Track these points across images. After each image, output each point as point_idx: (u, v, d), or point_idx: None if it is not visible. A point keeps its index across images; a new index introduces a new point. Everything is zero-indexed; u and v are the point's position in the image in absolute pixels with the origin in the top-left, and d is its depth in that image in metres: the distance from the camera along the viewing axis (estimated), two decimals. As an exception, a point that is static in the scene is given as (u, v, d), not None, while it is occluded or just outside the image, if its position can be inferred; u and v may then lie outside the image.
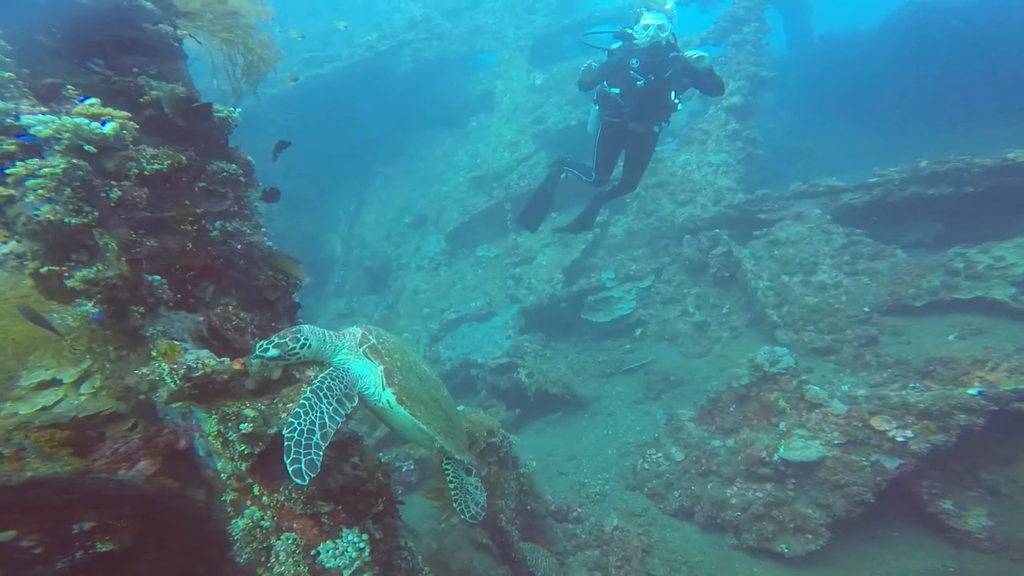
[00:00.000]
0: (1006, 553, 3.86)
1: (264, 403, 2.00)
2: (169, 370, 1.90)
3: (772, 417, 4.59)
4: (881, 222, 7.11)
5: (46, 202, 1.84)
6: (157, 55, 2.62)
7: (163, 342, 2.01)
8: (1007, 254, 6.02)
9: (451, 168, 11.38)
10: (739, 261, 6.99)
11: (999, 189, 6.53)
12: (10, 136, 1.92)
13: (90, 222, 1.91)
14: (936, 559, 4.03)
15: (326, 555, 1.98)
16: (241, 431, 1.90)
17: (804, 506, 4.15)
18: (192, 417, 2.18)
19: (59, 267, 1.91)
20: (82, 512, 2.11)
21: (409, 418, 2.36)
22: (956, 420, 3.83)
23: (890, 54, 11.84)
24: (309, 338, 2.17)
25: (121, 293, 1.98)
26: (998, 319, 5.69)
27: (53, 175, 1.84)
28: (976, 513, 4.05)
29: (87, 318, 1.91)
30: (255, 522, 2.00)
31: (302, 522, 2.02)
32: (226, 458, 2.01)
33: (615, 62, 4.68)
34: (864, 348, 5.80)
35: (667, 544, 4.60)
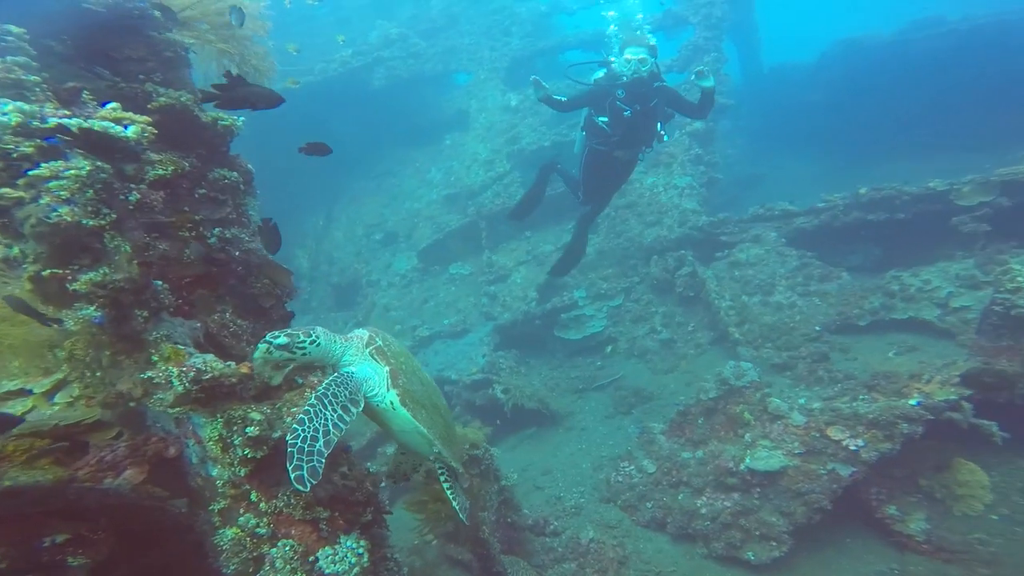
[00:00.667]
0: (940, 555, 4.19)
1: (269, 407, 2.03)
2: (178, 373, 1.91)
3: (738, 429, 4.88)
4: (829, 245, 7.71)
5: (65, 204, 1.84)
6: (164, 63, 2.69)
7: (167, 346, 2.02)
8: (933, 278, 6.67)
9: (424, 185, 11.49)
10: (703, 281, 7.39)
11: (924, 216, 7.21)
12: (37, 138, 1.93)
13: (106, 224, 1.93)
14: (883, 562, 4.33)
15: (325, 561, 1.98)
16: (247, 434, 1.92)
17: (768, 514, 4.40)
18: (188, 423, 2.15)
19: (62, 270, 1.90)
20: (55, 524, 2.04)
21: (411, 420, 2.36)
22: (900, 429, 4.20)
23: (826, 88, 12.85)
24: (320, 337, 2.20)
25: (126, 297, 1.97)
26: (928, 337, 6.28)
27: (78, 177, 1.86)
28: (916, 517, 4.40)
29: (89, 322, 1.89)
30: (249, 530, 1.99)
31: (300, 528, 2.03)
32: (225, 464, 2.00)
33: (600, 91, 4.96)
34: (817, 364, 6.24)
35: (641, 555, 4.76)
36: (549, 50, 11.26)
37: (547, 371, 7.66)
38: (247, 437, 1.93)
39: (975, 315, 6.12)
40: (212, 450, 1.99)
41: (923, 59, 11.40)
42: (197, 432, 2.08)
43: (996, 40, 10.95)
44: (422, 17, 12.29)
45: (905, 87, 11.46)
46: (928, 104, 11.11)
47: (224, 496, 2.04)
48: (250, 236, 2.73)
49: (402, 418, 2.35)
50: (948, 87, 10.95)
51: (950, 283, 6.53)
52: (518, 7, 11.69)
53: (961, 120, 10.56)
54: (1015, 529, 4.22)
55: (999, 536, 4.21)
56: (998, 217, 6.76)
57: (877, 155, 10.93)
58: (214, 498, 2.07)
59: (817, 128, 12.22)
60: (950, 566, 4.07)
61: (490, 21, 11.67)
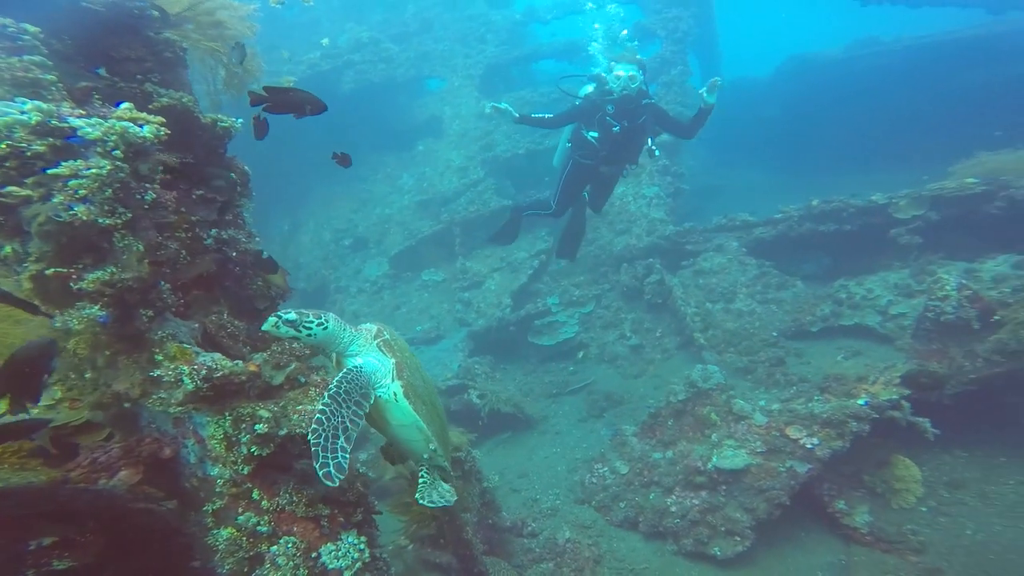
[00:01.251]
0: (880, 545, 4.53)
1: (275, 405, 2.06)
2: (190, 371, 1.93)
3: (705, 429, 5.18)
4: (785, 255, 8.21)
5: (82, 202, 1.85)
6: (162, 63, 2.69)
7: (173, 345, 2.04)
8: (875, 286, 7.20)
9: (395, 191, 11.48)
10: (670, 289, 7.74)
11: (867, 228, 7.70)
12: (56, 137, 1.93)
13: (121, 224, 1.94)
14: (832, 554, 4.64)
15: (328, 557, 2.03)
16: (256, 431, 1.95)
17: (733, 510, 4.68)
18: (188, 423, 2.15)
19: (67, 269, 1.90)
20: (43, 527, 2.02)
21: (412, 414, 2.35)
22: (850, 427, 4.57)
23: (780, 102, 13.58)
24: (329, 322, 2.21)
25: (132, 296, 1.98)
26: (871, 342, 6.78)
27: (98, 176, 1.87)
28: (861, 511, 4.71)
29: (94, 321, 1.89)
30: (249, 528, 2.01)
31: (303, 525, 2.08)
32: (228, 462, 2.03)
33: (589, 107, 5.09)
34: (774, 368, 6.65)
35: (615, 553, 4.96)
36: (524, 58, 11.46)
37: (521, 376, 7.85)
38: (256, 434, 1.96)
39: (910, 321, 6.68)
40: (215, 448, 2.01)
41: (865, 77, 12.21)
42: (198, 431, 2.09)
43: (926, 61, 11.87)
44: (394, 21, 12.26)
45: (849, 103, 12.23)
46: (870, 119, 11.82)
47: (222, 496, 2.05)
48: (247, 237, 2.74)
49: (403, 411, 2.35)
50: (886, 104, 11.76)
51: (889, 292, 7.08)
52: (493, 15, 11.85)
53: (900, 135, 11.29)
54: (939, 519, 4.65)
55: (927, 526, 4.62)
56: (928, 230, 7.31)
57: (828, 167, 11.63)
58: (209, 498, 2.08)
59: (772, 140, 12.89)
60: (888, 556, 4.42)
61: (465, 27, 11.78)
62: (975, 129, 9.72)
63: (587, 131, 5.14)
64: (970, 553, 4.27)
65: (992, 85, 10.99)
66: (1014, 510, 4.54)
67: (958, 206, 7.26)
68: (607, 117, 4.98)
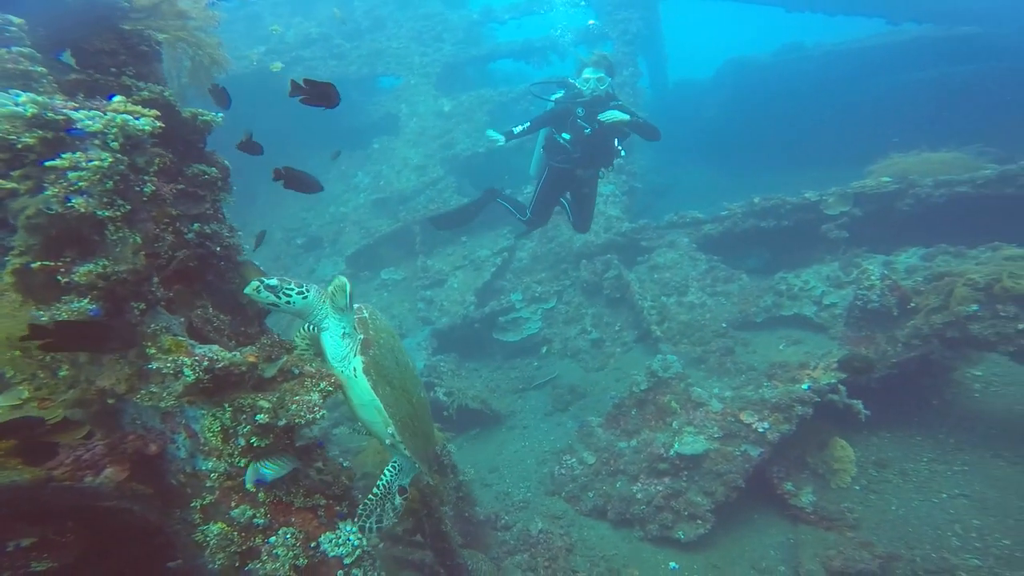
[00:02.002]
0: (822, 523, 4.83)
1: (274, 396, 2.06)
2: (191, 362, 1.92)
3: (666, 417, 5.49)
4: (731, 250, 8.74)
5: (80, 195, 1.83)
6: (137, 56, 2.61)
7: (167, 338, 2.01)
8: (810, 278, 7.79)
9: (350, 189, 11.27)
10: (628, 284, 8.08)
11: (802, 223, 8.25)
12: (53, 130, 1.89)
13: (120, 216, 1.92)
14: (782, 534, 4.90)
15: (329, 545, 2.07)
16: (257, 422, 1.96)
17: (695, 495, 4.94)
18: (180, 416, 2.11)
19: (54, 263, 1.86)
20: (21, 528, 1.96)
21: (369, 392, 2.31)
22: (796, 411, 4.96)
23: (719, 103, 14.31)
24: (311, 293, 2.27)
25: (125, 289, 1.95)
26: (808, 331, 7.33)
27: (99, 168, 1.85)
28: (806, 491, 4.96)
29: (84, 315, 1.85)
30: (244, 522, 2.01)
31: (301, 516, 2.11)
32: (224, 455, 2.02)
33: (561, 111, 5.23)
34: (724, 357, 7.10)
35: (586, 542, 5.16)
36: (481, 58, 11.50)
37: (487, 373, 7.98)
38: (256, 425, 1.98)
39: (841, 311, 7.31)
40: (211, 441, 2.01)
41: (790, 80, 13.06)
42: (190, 425, 2.08)
43: (838, 67, 12.85)
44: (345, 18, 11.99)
45: (779, 104, 12.99)
46: (797, 120, 12.50)
47: (213, 490, 2.05)
48: (229, 231, 2.71)
49: (361, 389, 2.32)
50: (809, 106, 12.48)
51: (823, 283, 7.67)
52: (450, 14, 11.81)
53: (821, 135, 11.92)
54: (870, 497, 5.04)
55: (859, 504, 4.98)
56: (853, 225, 7.95)
57: (766, 166, 12.38)
58: (198, 494, 2.07)
59: (714, 140, 13.58)
60: (829, 533, 4.75)
61: (420, 26, 11.67)
62: (882, 132, 10.66)
63: (559, 135, 5.28)
64: (894, 527, 4.69)
65: (892, 90, 12.09)
66: (928, 485, 5.01)
67: (876, 203, 7.97)
68: (578, 120, 5.15)
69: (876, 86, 12.22)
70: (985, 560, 4.25)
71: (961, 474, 5.06)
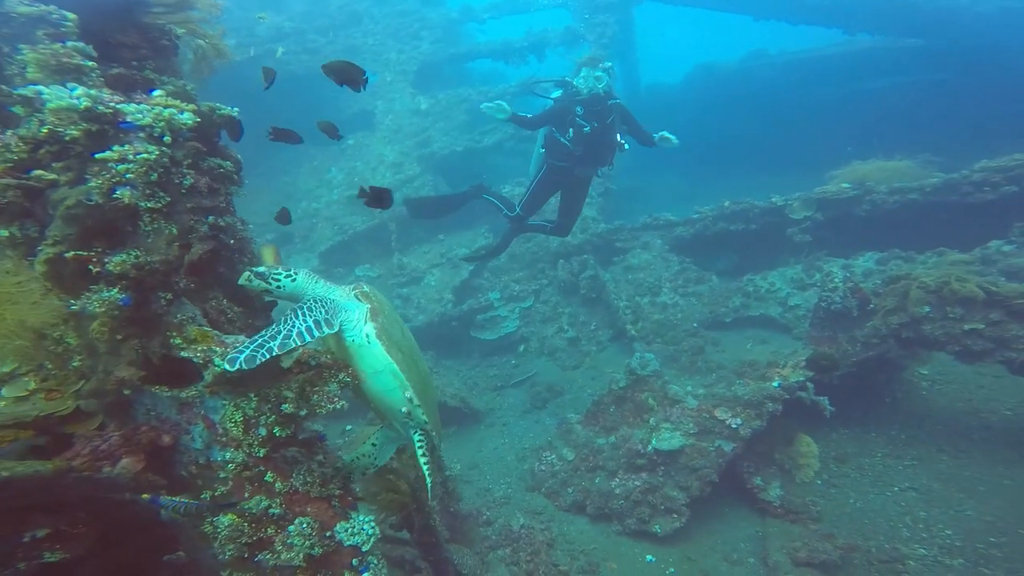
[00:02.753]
0: (789, 516, 5.06)
1: (296, 385, 2.10)
2: (222, 352, 1.96)
3: (644, 414, 5.66)
4: (702, 252, 9.04)
5: (126, 186, 1.89)
6: (157, 50, 2.63)
7: (193, 328, 2.06)
8: (776, 280, 8.18)
9: (323, 185, 11.06)
10: (603, 284, 8.26)
11: (769, 227, 8.61)
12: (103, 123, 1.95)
13: (162, 207, 1.98)
14: (752, 527, 5.07)
15: (345, 534, 2.11)
16: (283, 411, 2.01)
17: (671, 489, 5.09)
18: (199, 407, 2.13)
19: (86, 252, 1.90)
20: (38, 519, 1.96)
21: (384, 356, 2.32)
22: (766, 408, 5.21)
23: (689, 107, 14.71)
24: (299, 275, 2.31)
25: (154, 279, 2.00)
26: (774, 331, 7.70)
27: (146, 161, 1.92)
28: (773, 486, 5.16)
29: (115, 304, 1.90)
30: (259, 511, 2.04)
31: (317, 505, 2.14)
32: (243, 445, 2.05)
33: (560, 109, 5.29)
34: (696, 356, 7.36)
35: (566, 536, 5.26)
36: (460, 57, 11.48)
37: (465, 371, 8.01)
38: (281, 414, 2.02)
39: (804, 312, 7.71)
40: (232, 431, 2.03)
41: (755, 86, 13.58)
42: (209, 415, 2.09)
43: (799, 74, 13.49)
44: (318, 13, 11.75)
45: (745, 110, 13.44)
46: (762, 125, 12.95)
47: (226, 481, 2.07)
48: (242, 224, 2.71)
49: (376, 355, 2.32)
50: (773, 112, 12.95)
51: (787, 285, 8.07)
52: (428, 11, 11.73)
53: (786, 140, 12.36)
54: (831, 491, 5.30)
55: (822, 497, 5.17)
56: (816, 229, 8.36)
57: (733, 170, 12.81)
58: (209, 485, 2.09)
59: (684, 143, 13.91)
60: (794, 525, 4.98)
61: (397, 23, 11.55)
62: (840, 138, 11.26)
63: (560, 134, 5.35)
64: (852, 519, 4.97)
65: (846, 98, 12.79)
66: (882, 479, 5.32)
67: (836, 208, 8.41)
68: (577, 118, 5.22)
69: (832, 94, 12.88)
70: (931, 550, 4.57)
71: (911, 468, 5.41)
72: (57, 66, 2.08)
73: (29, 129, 1.93)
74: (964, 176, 7.84)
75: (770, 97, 13.09)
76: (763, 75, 13.68)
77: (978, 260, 7.15)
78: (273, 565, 2.06)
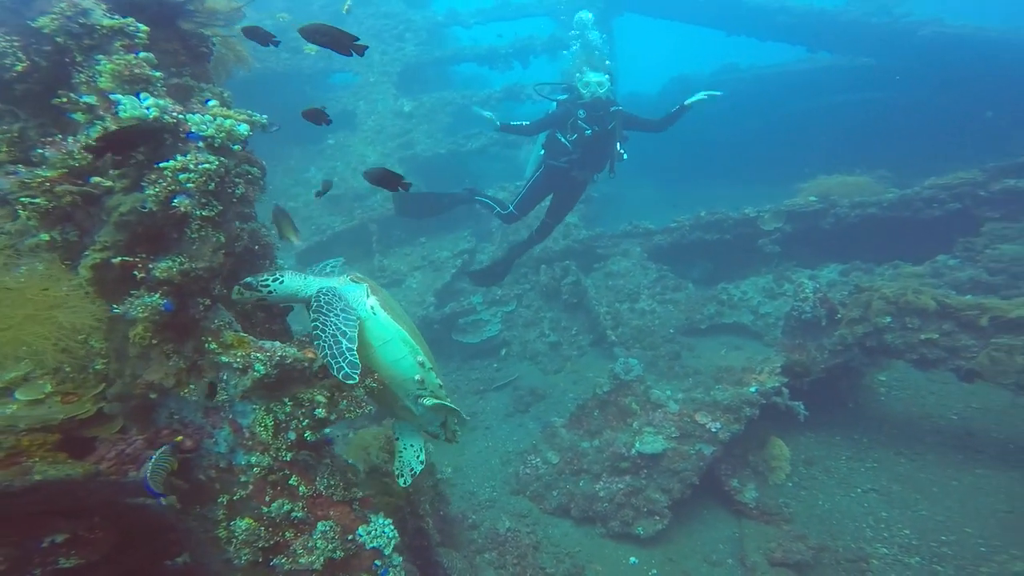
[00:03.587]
0: (763, 518, 5.26)
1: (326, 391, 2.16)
2: (264, 357, 2.01)
3: (627, 418, 5.81)
4: (678, 260, 9.32)
5: (185, 195, 1.94)
6: (195, 57, 2.68)
7: (230, 334, 2.10)
8: (748, 289, 8.52)
9: (299, 184, 10.86)
10: (585, 289, 8.42)
11: (741, 237, 8.97)
12: (170, 132, 1.99)
13: (214, 215, 2.03)
14: (729, 529, 5.24)
15: (367, 537, 2.18)
16: (316, 416, 2.07)
17: (653, 492, 5.22)
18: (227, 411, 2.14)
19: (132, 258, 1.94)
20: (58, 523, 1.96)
21: (392, 324, 2.43)
22: (744, 412, 5.42)
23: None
24: (285, 277, 2.38)
25: (195, 285, 2.03)
26: (746, 338, 8.03)
27: (207, 171, 1.97)
28: (749, 488, 5.33)
29: (157, 309, 1.93)
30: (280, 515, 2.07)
31: (339, 509, 2.20)
32: (271, 449, 2.09)
33: (563, 112, 5.36)
34: (673, 361, 7.60)
35: (551, 539, 5.34)
36: (444, 60, 11.47)
37: (447, 374, 8.00)
38: (314, 419, 2.08)
39: (775, 320, 8.05)
40: (261, 435, 2.07)
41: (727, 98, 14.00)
42: (237, 420, 2.11)
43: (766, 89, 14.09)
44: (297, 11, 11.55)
45: (718, 122, 13.92)
46: (733, 136, 13.42)
47: (246, 485, 2.09)
48: (265, 229, 2.81)
49: (383, 325, 2.42)
50: (745, 124, 13.47)
51: (759, 294, 8.43)
52: (413, 14, 11.68)
53: (756, 152, 12.88)
54: (801, 493, 5.54)
55: (793, 499, 5.38)
56: (784, 240, 8.77)
57: (705, 180, 13.27)
58: (227, 490, 2.10)
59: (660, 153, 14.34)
60: (769, 526, 5.19)
61: (381, 24, 11.47)
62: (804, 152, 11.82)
63: (561, 136, 5.40)
64: (822, 520, 5.23)
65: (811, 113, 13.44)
66: (847, 481, 5.61)
67: (804, 221, 8.84)
68: (579, 121, 5.31)
69: (797, 108, 13.51)
70: (891, 549, 4.86)
71: (872, 471, 5.72)
72: (129, 76, 2.12)
73: (91, 136, 1.97)
74: (916, 192, 8.35)
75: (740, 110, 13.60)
76: (733, 88, 14.19)
77: (928, 273, 7.67)
78: (289, 569, 2.07)
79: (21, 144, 2.27)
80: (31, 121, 2.31)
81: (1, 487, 1.64)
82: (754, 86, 13.91)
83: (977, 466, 5.48)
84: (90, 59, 2.19)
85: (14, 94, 2.24)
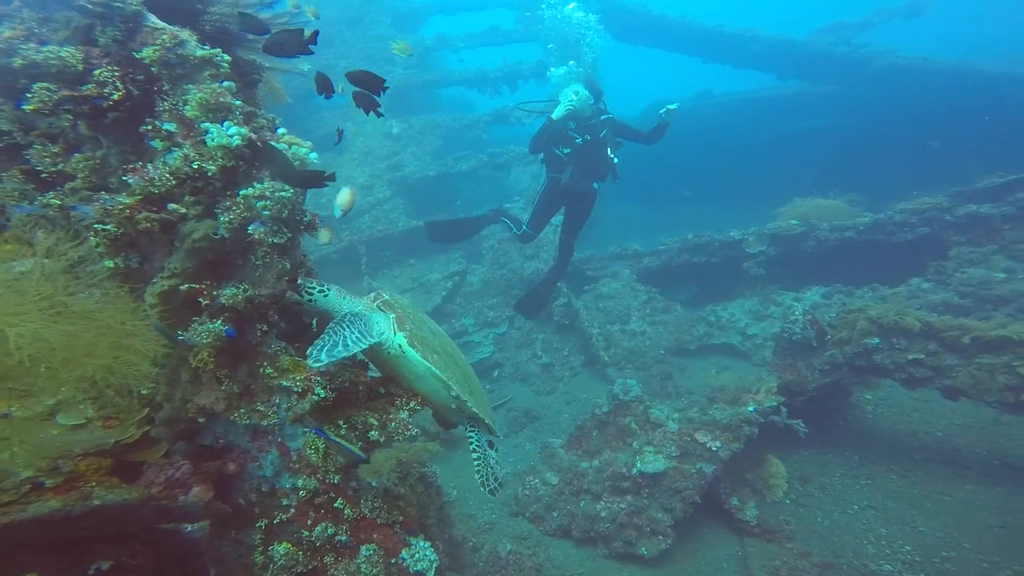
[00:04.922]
0: (765, 536, 5.26)
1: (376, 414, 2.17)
2: (324, 381, 2.02)
3: (627, 438, 5.80)
4: (667, 282, 9.50)
5: (259, 223, 1.97)
6: (247, 84, 2.72)
7: (286, 358, 2.11)
8: (735, 311, 8.74)
9: (287, 202, 10.71)
10: (577, 311, 8.48)
11: (727, 260, 9.22)
12: (246, 161, 2.04)
13: (284, 243, 2.05)
14: (731, 547, 5.22)
15: (410, 560, 2.16)
16: (370, 439, 2.09)
17: (656, 511, 5.18)
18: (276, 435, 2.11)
19: (199, 286, 1.96)
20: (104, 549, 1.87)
21: (421, 362, 2.40)
22: (744, 431, 5.48)
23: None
24: (331, 291, 2.44)
25: (256, 312, 2.04)
26: (735, 358, 8.19)
27: (282, 199, 2.00)
28: (749, 506, 5.34)
29: (220, 335, 1.94)
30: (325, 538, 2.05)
31: (382, 532, 2.19)
32: (320, 472, 2.08)
33: (553, 126, 5.53)
34: (665, 382, 7.67)
35: (553, 561, 5.22)
36: (433, 83, 11.61)
37: (439, 397, 7.88)
38: (368, 441, 2.10)
39: (762, 340, 8.25)
40: (311, 458, 2.05)
41: (703, 123, 14.60)
42: (286, 443, 2.09)
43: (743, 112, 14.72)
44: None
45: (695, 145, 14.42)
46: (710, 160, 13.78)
47: (288, 509, 2.08)
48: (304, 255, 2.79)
49: (412, 361, 2.40)
50: (720, 147, 13.85)
51: (746, 316, 8.64)
52: (403, 38, 11.84)
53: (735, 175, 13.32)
54: (799, 510, 5.59)
55: (792, 516, 5.40)
56: (768, 263, 9.06)
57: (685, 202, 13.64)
58: (267, 514, 2.08)
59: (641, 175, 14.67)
60: (771, 544, 5.19)
61: (371, 47, 11.58)
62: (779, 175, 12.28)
63: (556, 149, 5.63)
64: (823, 537, 5.25)
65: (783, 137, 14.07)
66: (842, 498, 5.68)
67: (787, 244, 9.15)
68: (570, 132, 5.51)
69: (770, 132, 14.14)
70: (895, 565, 4.89)
71: (866, 487, 5.81)
72: (215, 105, 2.15)
73: (173, 164, 1.98)
74: (888, 216, 8.76)
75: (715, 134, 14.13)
76: (709, 113, 14.78)
77: (905, 295, 8.01)
78: None
79: (100, 171, 2.29)
80: (113, 148, 2.33)
81: (63, 512, 1.58)
82: (728, 111, 14.52)
83: (966, 482, 5.64)
84: (176, 87, 2.23)
85: (104, 122, 2.26)
